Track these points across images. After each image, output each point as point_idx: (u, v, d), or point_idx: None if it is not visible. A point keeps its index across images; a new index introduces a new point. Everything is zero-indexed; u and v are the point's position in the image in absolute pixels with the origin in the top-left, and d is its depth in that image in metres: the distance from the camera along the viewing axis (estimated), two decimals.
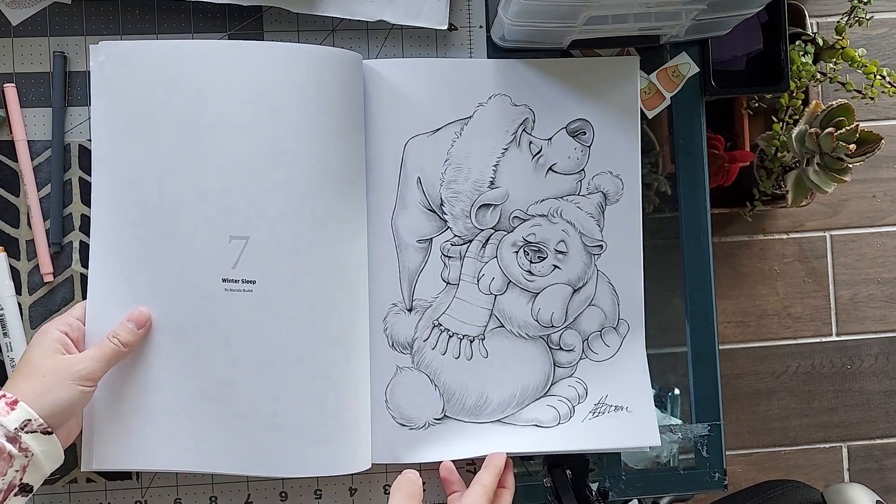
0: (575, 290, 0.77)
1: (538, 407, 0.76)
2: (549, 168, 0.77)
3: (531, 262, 0.77)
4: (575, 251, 0.77)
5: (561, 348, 0.77)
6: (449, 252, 0.76)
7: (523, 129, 0.77)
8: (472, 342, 0.76)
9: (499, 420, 0.76)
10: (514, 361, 0.77)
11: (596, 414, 0.76)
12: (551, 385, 0.77)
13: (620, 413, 0.76)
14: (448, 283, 0.76)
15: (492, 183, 0.76)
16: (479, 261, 0.76)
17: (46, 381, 0.64)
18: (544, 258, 0.77)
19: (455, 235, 0.76)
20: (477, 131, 0.76)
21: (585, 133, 0.77)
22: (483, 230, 0.76)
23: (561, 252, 0.77)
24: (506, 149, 0.76)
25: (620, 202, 0.77)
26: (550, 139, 0.77)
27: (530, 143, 0.77)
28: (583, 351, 0.77)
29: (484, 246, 0.76)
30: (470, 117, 0.76)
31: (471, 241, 0.76)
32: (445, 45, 0.77)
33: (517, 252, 0.76)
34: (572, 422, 0.76)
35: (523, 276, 0.77)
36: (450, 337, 0.76)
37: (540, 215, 0.77)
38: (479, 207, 0.76)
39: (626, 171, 0.77)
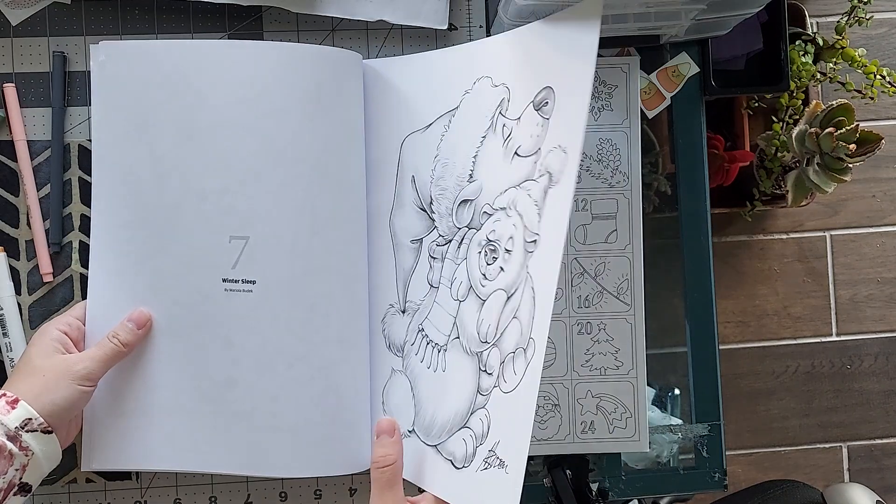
0: (508, 298, 0.63)
1: (457, 439, 0.65)
2: (515, 152, 0.65)
3: (487, 263, 0.65)
4: (518, 250, 0.63)
5: (485, 370, 0.64)
6: (434, 253, 0.70)
7: (500, 112, 0.67)
8: (439, 352, 0.67)
9: (435, 446, 0.66)
10: (457, 380, 0.66)
11: (484, 467, 0.61)
12: (470, 415, 0.64)
13: (499, 472, 0.60)
14: (431, 285, 0.70)
15: (471, 176, 0.68)
16: (455, 262, 0.68)
17: (46, 381, 0.63)
18: (497, 258, 0.65)
19: (440, 235, 0.70)
20: (462, 122, 0.70)
21: (548, 103, 0.63)
22: (461, 228, 0.68)
23: (508, 251, 0.64)
24: (484, 136, 0.67)
25: (560, 183, 0.61)
26: (519, 118, 0.65)
27: (503, 126, 0.66)
28: (497, 377, 0.62)
29: (459, 246, 0.68)
30: (457, 107, 0.70)
31: (450, 241, 0.69)
32: (445, 44, 0.77)
33: (480, 252, 0.66)
34: (468, 470, 0.63)
35: (480, 280, 0.65)
36: (427, 344, 0.69)
37: (501, 209, 0.65)
38: (460, 204, 0.68)
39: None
